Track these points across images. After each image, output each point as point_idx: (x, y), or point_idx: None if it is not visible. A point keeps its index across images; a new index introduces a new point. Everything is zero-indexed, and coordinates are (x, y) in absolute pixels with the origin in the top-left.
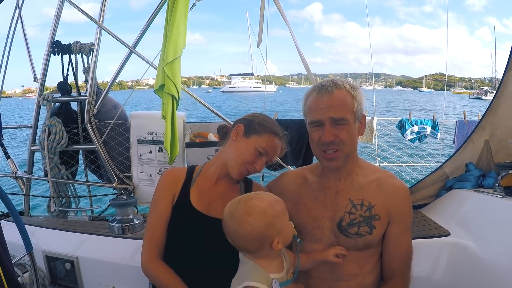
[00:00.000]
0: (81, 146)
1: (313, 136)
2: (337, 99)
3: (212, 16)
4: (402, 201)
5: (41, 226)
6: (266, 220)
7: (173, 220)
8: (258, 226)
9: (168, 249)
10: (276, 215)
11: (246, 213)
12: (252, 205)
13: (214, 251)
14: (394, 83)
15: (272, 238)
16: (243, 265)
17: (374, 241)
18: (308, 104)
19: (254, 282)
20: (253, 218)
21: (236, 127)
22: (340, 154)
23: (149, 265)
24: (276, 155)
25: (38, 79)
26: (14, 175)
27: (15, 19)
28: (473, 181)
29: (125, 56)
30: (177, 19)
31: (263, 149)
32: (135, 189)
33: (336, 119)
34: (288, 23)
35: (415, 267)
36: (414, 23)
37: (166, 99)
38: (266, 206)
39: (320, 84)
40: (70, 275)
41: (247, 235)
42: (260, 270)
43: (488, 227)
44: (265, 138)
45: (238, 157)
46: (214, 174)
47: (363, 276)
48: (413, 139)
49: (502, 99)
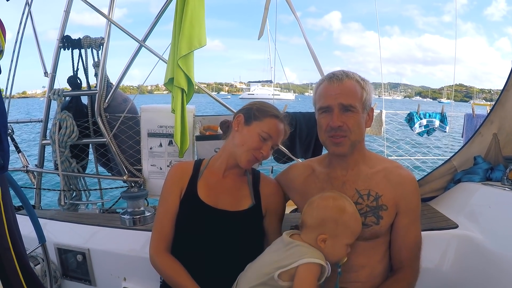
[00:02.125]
0: (91, 140)
1: (321, 122)
2: (347, 87)
3: (232, 24)
4: (410, 192)
5: (52, 218)
6: (338, 214)
7: (181, 213)
8: (330, 211)
9: (177, 242)
10: (346, 224)
11: (334, 198)
12: (343, 200)
13: (223, 243)
14: (413, 93)
15: (326, 231)
16: (293, 246)
17: (381, 231)
18: (318, 91)
19: (315, 259)
20: (334, 204)
21: (236, 117)
22: (347, 141)
23: (156, 257)
24: (281, 137)
25: (49, 73)
26: (25, 169)
27: (25, 15)
28: (481, 174)
29: (135, 50)
30: (190, 12)
31: (266, 133)
32: (145, 182)
33: (345, 105)
34: (300, 22)
35: (424, 259)
36: (433, 33)
37: (176, 92)
38: (350, 211)
39: (332, 73)
40: (82, 267)
41: (317, 209)
42: (317, 251)
43: (496, 220)
44: (266, 122)
45: (243, 146)
46: (221, 167)
47: (371, 267)
48: (421, 132)
49: (510, 92)
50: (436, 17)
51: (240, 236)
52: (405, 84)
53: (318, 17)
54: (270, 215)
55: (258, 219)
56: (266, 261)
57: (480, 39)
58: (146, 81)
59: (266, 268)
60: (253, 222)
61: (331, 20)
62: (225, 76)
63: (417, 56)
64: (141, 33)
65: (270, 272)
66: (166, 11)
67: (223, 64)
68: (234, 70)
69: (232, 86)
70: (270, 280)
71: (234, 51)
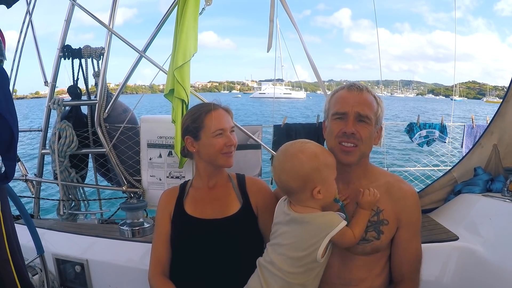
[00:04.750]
0: (91, 150)
1: (333, 127)
2: (366, 98)
3: (242, 22)
4: (411, 206)
5: (51, 229)
6: (315, 162)
7: (173, 232)
8: (306, 164)
9: (177, 261)
10: (326, 164)
11: (300, 151)
12: (307, 147)
13: (220, 251)
14: (426, 91)
15: (315, 183)
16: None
17: (381, 246)
18: (335, 97)
19: (336, 226)
20: (305, 156)
21: (186, 142)
22: (357, 151)
23: (152, 280)
24: (227, 120)
25: (49, 83)
26: (25, 178)
27: (25, 24)
28: (481, 185)
29: (135, 60)
30: (186, 24)
31: (215, 131)
32: (144, 193)
33: (362, 115)
34: (295, 24)
35: (424, 271)
36: (444, 29)
37: (176, 103)
38: (319, 151)
39: (352, 82)
40: (80, 277)
41: (294, 172)
42: (327, 214)
43: (496, 232)
44: (207, 124)
45: (212, 154)
46: (204, 180)
47: (371, 280)
48: (421, 143)
49: (510, 104)
50: (445, 13)
51: (235, 240)
52: (418, 82)
53: (328, 15)
54: (263, 213)
55: (251, 219)
56: (293, 247)
57: (492, 35)
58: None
59: (298, 252)
60: (246, 224)
61: (341, 17)
62: (237, 75)
63: (428, 53)
64: (150, 33)
65: (305, 256)
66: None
67: (235, 62)
68: (245, 68)
69: (244, 84)
70: (309, 263)
71: (245, 50)
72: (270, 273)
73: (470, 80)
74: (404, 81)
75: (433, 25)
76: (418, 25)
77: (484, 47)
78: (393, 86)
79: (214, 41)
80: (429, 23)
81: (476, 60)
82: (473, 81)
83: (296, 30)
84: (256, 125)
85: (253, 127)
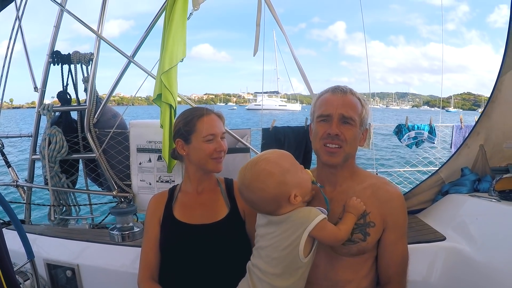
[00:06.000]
0: (81, 155)
1: (318, 129)
2: (350, 100)
3: (238, 35)
4: (397, 208)
5: (42, 234)
6: (274, 180)
7: (162, 237)
8: (268, 188)
9: (166, 266)
10: (285, 172)
11: (254, 179)
12: (257, 170)
13: (208, 256)
14: (421, 102)
15: (287, 194)
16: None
17: (367, 248)
18: (320, 100)
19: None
20: (261, 182)
21: (177, 145)
22: (341, 152)
23: (141, 285)
24: (219, 125)
25: (38, 89)
26: (15, 184)
27: (15, 30)
28: (468, 185)
29: (123, 66)
30: (174, 28)
31: (207, 135)
32: (134, 197)
33: (346, 117)
34: (284, 32)
35: (411, 272)
36: (438, 41)
37: (164, 108)
38: (271, 167)
39: (337, 85)
40: (71, 282)
41: (261, 200)
42: (301, 210)
43: (483, 231)
44: (199, 128)
45: (202, 159)
46: (193, 185)
47: (357, 281)
48: (410, 145)
49: (496, 104)
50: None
51: (224, 245)
52: (413, 94)
53: (323, 28)
54: (250, 217)
55: (238, 225)
56: (274, 247)
57: (485, 47)
58: None
59: (279, 252)
60: (234, 229)
61: (336, 30)
62: (233, 87)
63: (423, 65)
64: (149, 44)
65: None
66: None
67: (231, 75)
68: (242, 81)
69: (240, 97)
70: (292, 263)
71: (241, 62)
72: (257, 278)
73: (465, 92)
74: (399, 93)
75: (428, 37)
76: (412, 37)
77: (478, 58)
78: (389, 98)
79: (210, 54)
80: (423, 35)
81: (471, 72)
82: (468, 93)
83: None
84: (245, 129)
85: (242, 131)
